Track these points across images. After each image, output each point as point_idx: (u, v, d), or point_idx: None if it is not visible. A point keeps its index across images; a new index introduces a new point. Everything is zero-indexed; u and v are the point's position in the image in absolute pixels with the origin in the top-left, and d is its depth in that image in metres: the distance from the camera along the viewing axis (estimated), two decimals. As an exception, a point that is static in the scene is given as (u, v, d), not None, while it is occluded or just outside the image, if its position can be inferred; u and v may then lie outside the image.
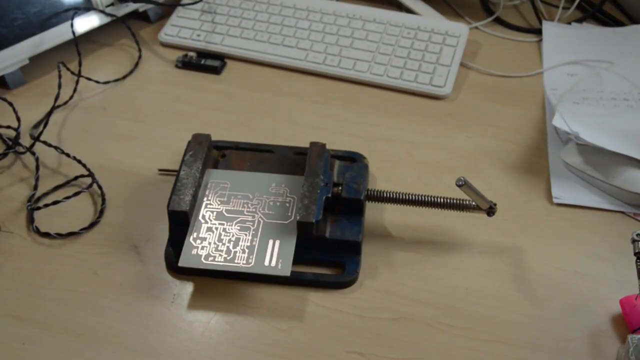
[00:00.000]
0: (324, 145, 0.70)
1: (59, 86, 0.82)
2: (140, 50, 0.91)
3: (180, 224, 0.67)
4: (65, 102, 0.83)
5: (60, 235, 0.69)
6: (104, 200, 0.72)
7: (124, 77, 0.88)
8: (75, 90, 0.84)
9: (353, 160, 0.75)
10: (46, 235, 0.69)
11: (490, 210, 0.66)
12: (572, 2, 0.97)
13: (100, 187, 0.73)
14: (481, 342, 0.62)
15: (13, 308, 0.64)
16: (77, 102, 0.84)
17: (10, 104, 0.79)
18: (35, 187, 0.73)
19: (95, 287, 0.65)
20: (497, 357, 0.61)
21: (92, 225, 0.70)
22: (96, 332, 0.62)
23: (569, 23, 0.96)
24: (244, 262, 0.64)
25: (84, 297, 0.65)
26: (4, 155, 0.76)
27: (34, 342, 0.61)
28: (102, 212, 0.71)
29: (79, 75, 0.85)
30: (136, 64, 0.89)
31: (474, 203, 0.66)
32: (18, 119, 0.79)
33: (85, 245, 0.69)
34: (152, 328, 0.63)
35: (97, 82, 0.86)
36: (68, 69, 0.85)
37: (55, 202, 0.71)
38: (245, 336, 0.62)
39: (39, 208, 0.71)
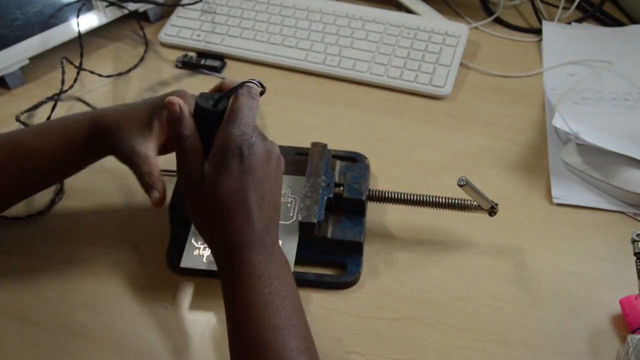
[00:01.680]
0: (325, 146, 0.70)
1: (62, 82, 0.82)
2: (146, 44, 0.91)
3: (182, 224, 0.67)
4: (65, 91, 0.83)
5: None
6: None
7: (128, 71, 0.88)
8: (75, 80, 0.84)
9: (354, 160, 0.75)
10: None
11: (492, 210, 0.66)
12: (572, 2, 0.97)
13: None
14: (481, 342, 0.62)
15: (13, 308, 0.64)
16: (76, 100, 0.84)
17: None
18: None
19: (95, 287, 0.65)
20: (497, 357, 0.61)
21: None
22: (96, 332, 0.62)
23: (569, 23, 0.96)
24: None
25: (84, 297, 0.65)
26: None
27: (34, 342, 0.61)
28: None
29: (80, 67, 0.85)
30: (142, 58, 0.89)
31: (475, 203, 0.66)
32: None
33: (85, 246, 0.69)
34: (152, 328, 0.63)
35: (100, 75, 0.86)
36: (71, 63, 0.85)
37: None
38: (245, 336, 0.62)
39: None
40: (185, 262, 0.65)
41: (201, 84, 0.87)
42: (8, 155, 0.63)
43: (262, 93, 0.56)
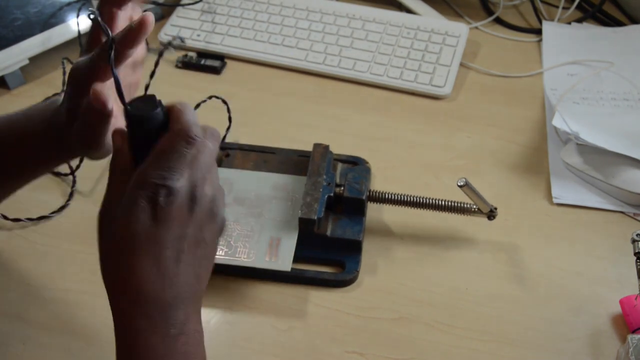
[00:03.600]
0: (327, 147, 0.70)
1: (64, 83, 0.83)
2: (146, 44, 0.90)
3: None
4: (65, 91, 0.83)
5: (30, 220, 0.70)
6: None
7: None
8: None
9: (355, 164, 0.75)
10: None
11: (491, 214, 0.66)
12: (572, 2, 0.97)
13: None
14: (481, 342, 0.62)
15: (13, 308, 0.64)
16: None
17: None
18: None
19: (95, 287, 0.65)
20: (497, 357, 0.61)
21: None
22: (96, 332, 0.62)
23: (569, 23, 0.96)
24: (245, 256, 0.64)
25: (84, 297, 0.65)
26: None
27: (34, 342, 0.61)
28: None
29: None
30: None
31: (475, 206, 0.66)
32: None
33: (85, 246, 0.69)
34: (152, 328, 0.63)
35: None
36: (72, 63, 0.85)
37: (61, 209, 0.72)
38: (245, 336, 0.62)
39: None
40: None
41: (201, 84, 0.87)
42: None
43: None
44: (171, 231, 0.43)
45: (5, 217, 0.69)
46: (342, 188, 0.68)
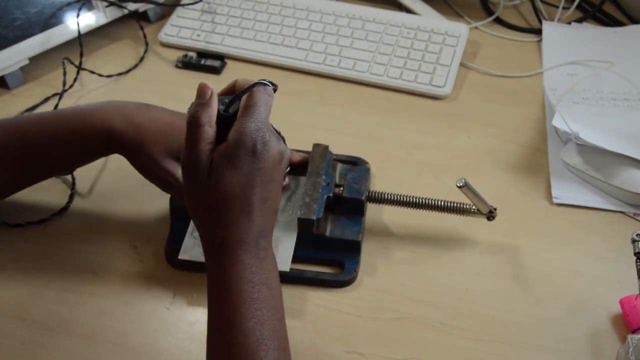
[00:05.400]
0: (326, 147, 0.70)
1: (64, 83, 0.83)
2: (146, 44, 0.91)
3: (182, 217, 0.67)
4: (65, 91, 0.84)
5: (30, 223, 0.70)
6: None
7: (128, 71, 0.88)
8: (75, 79, 0.84)
9: (355, 164, 0.75)
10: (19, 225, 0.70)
11: (490, 215, 0.66)
12: (572, 2, 0.97)
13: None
14: (481, 342, 0.62)
15: (13, 308, 0.64)
16: (78, 99, 0.84)
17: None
18: None
19: (95, 287, 0.65)
20: (497, 357, 0.61)
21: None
22: (96, 332, 0.62)
23: (569, 23, 0.96)
24: None
25: (84, 297, 0.65)
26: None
27: (34, 342, 0.61)
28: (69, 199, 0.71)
29: (80, 67, 0.85)
30: (142, 58, 0.89)
31: (474, 207, 0.66)
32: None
33: (85, 245, 0.69)
34: (152, 328, 0.63)
35: (100, 75, 0.86)
36: (71, 63, 0.85)
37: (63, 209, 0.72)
38: (245, 336, 0.62)
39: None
40: (184, 255, 0.65)
41: (201, 84, 0.86)
42: (14, 144, 0.63)
43: (274, 91, 0.56)
44: (265, 177, 0.52)
45: (6, 224, 0.69)
46: (342, 188, 0.68)
